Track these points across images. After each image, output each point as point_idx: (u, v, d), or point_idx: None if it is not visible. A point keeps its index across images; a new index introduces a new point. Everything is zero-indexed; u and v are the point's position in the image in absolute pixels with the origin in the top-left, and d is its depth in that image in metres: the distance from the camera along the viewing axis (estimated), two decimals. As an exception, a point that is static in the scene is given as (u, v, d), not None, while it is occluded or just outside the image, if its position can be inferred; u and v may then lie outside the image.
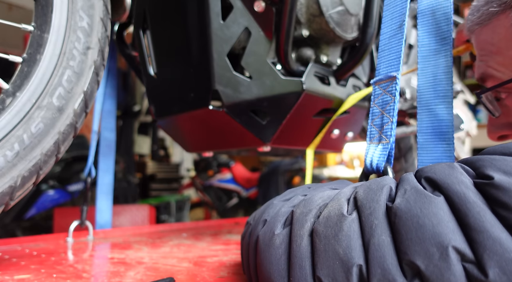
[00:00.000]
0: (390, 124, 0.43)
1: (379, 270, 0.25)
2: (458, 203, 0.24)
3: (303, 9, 0.70)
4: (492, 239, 0.22)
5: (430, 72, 0.51)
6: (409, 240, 0.24)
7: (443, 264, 0.23)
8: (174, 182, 4.04)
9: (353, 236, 0.27)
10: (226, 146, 0.80)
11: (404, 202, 0.26)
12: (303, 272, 0.29)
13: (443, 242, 0.23)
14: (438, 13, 0.51)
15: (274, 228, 0.34)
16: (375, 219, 0.27)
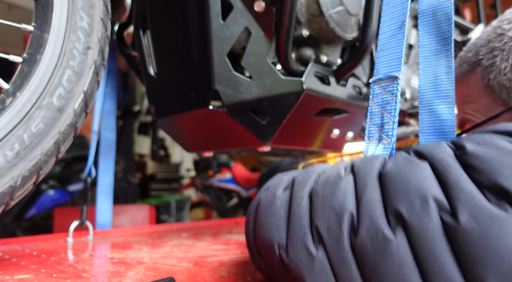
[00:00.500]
0: (392, 124, 0.44)
1: (368, 220, 0.28)
2: (440, 167, 0.28)
3: (303, 9, 0.70)
4: (465, 193, 0.26)
5: (431, 72, 0.51)
6: (395, 193, 0.28)
7: (423, 212, 0.26)
8: (174, 182, 4.04)
9: (348, 193, 0.31)
10: (226, 146, 0.80)
11: (395, 166, 0.30)
12: (302, 225, 0.32)
13: (425, 193, 0.27)
14: (439, 14, 0.51)
15: (276, 191, 0.37)
16: (368, 180, 0.31)
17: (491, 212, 0.25)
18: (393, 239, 0.27)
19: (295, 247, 0.32)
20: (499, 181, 0.25)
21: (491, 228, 0.24)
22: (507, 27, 0.50)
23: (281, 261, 0.34)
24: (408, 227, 0.27)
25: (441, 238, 0.26)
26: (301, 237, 0.32)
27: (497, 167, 0.26)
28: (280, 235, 0.34)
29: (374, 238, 0.28)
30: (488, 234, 0.24)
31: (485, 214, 0.25)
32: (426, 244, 0.26)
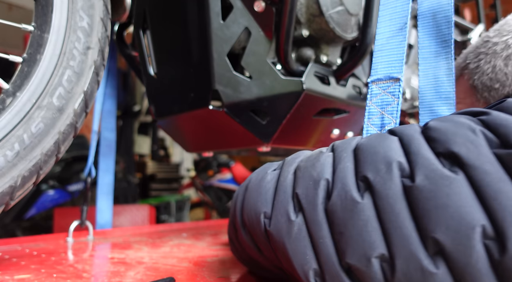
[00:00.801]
0: (393, 125, 0.44)
1: (340, 184, 0.31)
2: (406, 139, 0.31)
3: (303, 9, 0.71)
4: (423, 158, 0.28)
5: (432, 74, 0.51)
6: (364, 162, 0.31)
7: (387, 176, 0.29)
8: (174, 182, 4.04)
9: (326, 164, 0.34)
10: (226, 146, 0.80)
11: (366, 140, 0.33)
12: (286, 195, 0.35)
13: (389, 160, 0.30)
14: (439, 16, 0.52)
15: (267, 169, 0.41)
16: (345, 153, 0.34)
17: (443, 173, 0.27)
18: (360, 201, 0.30)
19: (277, 214, 0.35)
20: (452, 148, 0.28)
21: (441, 187, 0.26)
22: (492, 35, 0.55)
23: (264, 230, 0.36)
24: (374, 191, 0.29)
25: (401, 198, 0.28)
26: (284, 205, 0.35)
27: (451, 136, 0.29)
28: (267, 205, 0.37)
29: (344, 200, 0.30)
30: (439, 192, 0.26)
31: (438, 174, 0.27)
32: (388, 205, 0.28)
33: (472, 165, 0.26)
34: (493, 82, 0.53)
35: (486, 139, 0.27)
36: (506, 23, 0.54)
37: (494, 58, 0.53)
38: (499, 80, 0.52)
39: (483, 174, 0.26)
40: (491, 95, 0.54)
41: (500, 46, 0.53)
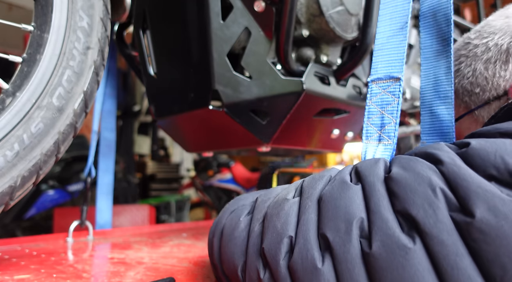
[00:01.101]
0: (393, 125, 0.44)
1: (302, 240, 0.30)
2: (368, 190, 0.30)
3: (303, 9, 0.70)
4: (381, 219, 0.27)
5: (432, 73, 0.51)
6: (325, 217, 0.30)
7: (346, 237, 0.28)
8: (174, 182, 4.04)
9: (290, 213, 0.33)
10: (226, 146, 0.80)
11: (330, 190, 0.32)
12: (255, 248, 0.34)
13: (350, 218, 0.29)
14: (438, 15, 0.52)
15: (241, 215, 0.40)
16: (310, 201, 0.33)
17: (399, 241, 0.26)
18: (320, 266, 0.28)
19: (250, 271, 0.34)
20: (410, 210, 0.26)
21: (397, 258, 0.25)
22: (473, 37, 0.53)
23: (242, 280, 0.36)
24: (333, 253, 0.28)
25: (360, 264, 0.27)
26: (253, 260, 0.34)
27: (410, 195, 0.27)
28: (242, 257, 0.36)
29: (305, 260, 0.29)
30: (394, 263, 0.25)
31: (394, 242, 0.26)
32: (347, 270, 0.27)
33: (429, 233, 0.25)
34: (473, 86, 0.51)
35: (445, 200, 0.26)
36: (487, 24, 0.52)
37: (474, 62, 0.51)
38: (479, 84, 0.50)
39: (440, 245, 0.24)
40: (471, 100, 0.52)
41: (480, 48, 0.51)
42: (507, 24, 0.49)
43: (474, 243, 0.24)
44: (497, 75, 0.48)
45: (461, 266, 0.23)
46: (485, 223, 0.24)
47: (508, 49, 0.47)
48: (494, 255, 0.23)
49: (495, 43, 0.49)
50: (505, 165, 0.26)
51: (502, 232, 0.23)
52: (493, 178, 0.26)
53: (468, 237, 0.24)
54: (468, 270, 0.23)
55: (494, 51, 0.49)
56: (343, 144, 0.88)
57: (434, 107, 0.51)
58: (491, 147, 0.27)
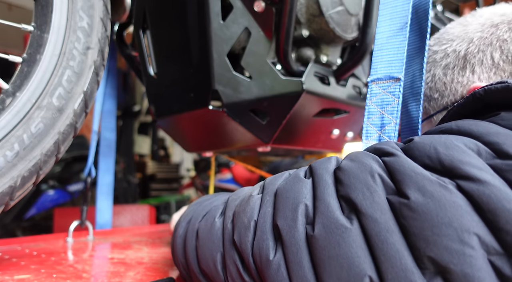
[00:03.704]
0: (393, 125, 0.44)
1: (259, 231, 0.33)
2: (315, 181, 0.32)
3: (303, 9, 0.70)
4: (324, 204, 0.30)
5: (411, 70, 0.52)
6: (277, 208, 0.33)
7: (293, 224, 0.30)
8: (174, 182, 4.04)
9: (254, 208, 0.36)
10: (226, 146, 0.80)
11: (284, 183, 0.35)
12: (229, 244, 0.37)
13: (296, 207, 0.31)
14: (420, 11, 0.53)
15: (215, 215, 0.42)
16: (268, 196, 0.36)
17: (338, 221, 0.28)
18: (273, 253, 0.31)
19: (229, 264, 0.36)
20: (350, 194, 0.29)
21: (335, 237, 0.27)
22: (432, 43, 0.54)
23: (224, 279, 0.38)
24: (282, 239, 0.31)
25: (304, 247, 0.29)
26: (231, 254, 0.36)
27: (353, 180, 0.29)
28: (219, 254, 0.38)
29: (261, 250, 0.32)
30: (332, 242, 0.27)
31: (333, 223, 0.28)
32: (292, 253, 0.29)
33: (364, 212, 0.27)
34: (432, 91, 0.52)
35: (383, 185, 0.28)
36: (446, 31, 0.53)
37: (434, 67, 0.52)
38: (438, 90, 0.51)
39: (373, 223, 0.26)
40: (430, 106, 0.53)
41: (439, 54, 0.51)
42: (465, 31, 0.49)
43: (404, 220, 0.26)
44: (455, 80, 0.49)
45: (391, 241, 0.25)
46: (415, 202, 0.26)
47: (466, 55, 0.48)
48: (420, 229, 0.25)
49: (453, 50, 0.49)
50: (437, 154, 0.28)
51: (428, 208, 0.25)
52: (426, 166, 0.28)
53: (400, 215, 0.26)
54: (397, 244, 0.25)
55: (452, 57, 0.49)
56: (343, 143, 0.88)
57: (408, 104, 0.52)
58: (428, 140, 0.30)
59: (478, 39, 0.47)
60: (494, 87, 0.35)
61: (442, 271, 0.24)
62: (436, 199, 0.25)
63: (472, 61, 0.47)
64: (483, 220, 0.24)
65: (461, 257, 0.23)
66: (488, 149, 0.28)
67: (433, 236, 0.24)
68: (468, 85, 0.47)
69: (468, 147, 0.28)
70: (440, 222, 0.24)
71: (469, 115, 0.38)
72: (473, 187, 0.25)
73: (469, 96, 0.38)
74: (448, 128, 0.33)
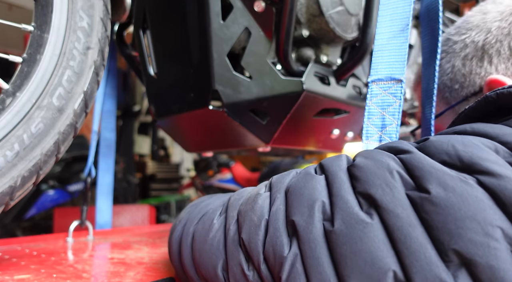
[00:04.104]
0: (395, 126, 0.44)
1: (272, 228, 0.33)
2: (330, 178, 0.32)
3: (303, 9, 0.70)
4: (342, 200, 0.29)
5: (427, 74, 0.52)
6: (291, 205, 0.33)
7: (309, 220, 0.30)
8: (174, 182, 4.04)
9: (264, 206, 0.35)
10: (226, 146, 0.80)
11: (295, 180, 0.35)
12: (234, 243, 0.35)
13: (312, 204, 0.31)
14: (431, 13, 0.52)
15: (213, 217, 0.41)
16: (278, 194, 0.35)
17: (358, 217, 0.28)
18: (288, 249, 0.31)
19: (233, 266, 0.35)
20: (369, 190, 0.29)
21: (356, 232, 0.27)
22: (453, 32, 0.54)
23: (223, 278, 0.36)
24: (298, 235, 0.30)
25: (322, 242, 0.29)
26: (236, 256, 0.35)
27: (370, 177, 0.29)
28: (221, 256, 0.37)
29: (275, 247, 0.31)
30: (353, 237, 0.27)
31: (353, 218, 0.28)
32: (309, 249, 0.29)
33: (385, 208, 0.27)
34: (453, 82, 0.52)
35: (402, 181, 0.28)
36: (465, 20, 0.52)
37: (453, 58, 0.52)
38: (458, 81, 0.51)
39: (395, 217, 0.26)
40: (452, 96, 0.53)
41: (459, 45, 0.51)
42: (484, 21, 0.49)
43: (426, 214, 0.26)
44: (473, 72, 0.49)
45: (414, 235, 0.26)
46: (436, 196, 0.26)
47: (484, 46, 0.48)
48: (443, 223, 0.25)
49: (472, 40, 0.49)
50: (456, 151, 0.29)
51: (450, 202, 0.26)
52: (444, 162, 0.29)
53: (421, 210, 0.26)
54: (420, 238, 0.25)
55: (471, 48, 0.50)
56: (343, 143, 0.88)
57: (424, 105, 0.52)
58: (445, 138, 0.30)
59: (496, 29, 0.47)
60: (507, 91, 0.35)
61: (467, 263, 0.24)
62: (458, 193, 0.26)
63: (490, 52, 0.47)
64: (505, 214, 0.25)
65: (486, 250, 0.24)
66: (505, 148, 0.28)
67: (457, 229, 0.25)
68: (486, 77, 0.48)
69: (485, 145, 0.29)
70: (464, 216, 0.25)
71: (481, 119, 0.38)
72: (494, 181, 0.26)
73: (481, 99, 0.38)
74: (462, 130, 0.34)
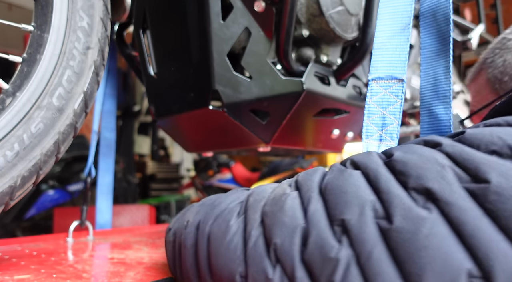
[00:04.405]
0: (396, 126, 0.44)
1: (315, 231, 0.30)
2: (372, 175, 0.31)
3: (303, 9, 0.70)
4: (396, 197, 0.28)
5: (432, 73, 0.51)
6: (336, 203, 0.31)
7: (361, 219, 0.29)
8: (174, 182, 4.04)
9: (295, 207, 0.33)
10: (226, 146, 0.80)
11: (331, 178, 0.33)
12: (258, 248, 0.33)
13: (361, 201, 0.29)
14: (438, 14, 0.52)
15: (229, 218, 0.37)
16: (311, 193, 0.33)
17: (418, 213, 0.27)
18: (337, 248, 0.29)
19: (254, 273, 0.32)
20: (425, 184, 0.28)
21: (419, 227, 0.26)
22: (508, 32, 0.60)
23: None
24: (351, 236, 0.29)
25: (379, 242, 0.27)
26: (258, 262, 0.32)
27: (421, 171, 0.29)
28: (240, 262, 0.34)
29: (321, 249, 0.29)
30: (416, 234, 0.26)
31: (413, 215, 0.27)
32: (365, 249, 0.27)
33: (446, 201, 0.26)
34: (503, 75, 0.57)
35: (454, 174, 0.28)
36: None
37: (506, 53, 0.58)
38: (508, 73, 0.57)
39: (459, 211, 0.26)
40: (501, 87, 0.58)
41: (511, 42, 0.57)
42: None
43: (490, 204, 0.26)
44: None
45: (482, 227, 0.25)
46: (499, 186, 0.26)
47: None
48: (510, 212, 0.25)
49: None
50: (503, 141, 0.28)
51: None
52: (494, 152, 0.28)
53: (484, 200, 0.26)
54: (488, 230, 0.25)
55: None
56: (343, 143, 0.88)
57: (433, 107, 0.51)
58: (486, 130, 0.30)
59: None
60: None
61: None
62: None
63: None
64: None
65: None
66: None
67: None
68: None
69: None
70: None
71: None
72: None
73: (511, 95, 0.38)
74: (495, 123, 0.33)
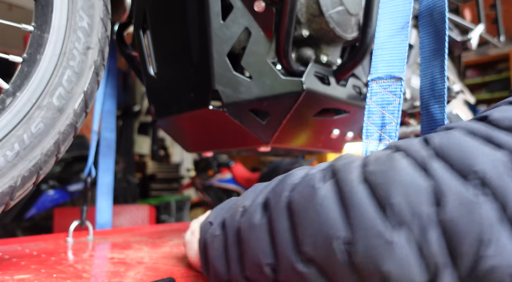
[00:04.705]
0: (394, 125, 0.44)
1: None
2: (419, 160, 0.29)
3: (303, 9, 0.70)
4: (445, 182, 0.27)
5: (430, 73, 0.52)
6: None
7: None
8: (174, 182, 4.04)
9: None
10: (226, 146, 0.80)
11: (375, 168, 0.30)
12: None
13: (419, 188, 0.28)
14: (435, 13, 0.52)
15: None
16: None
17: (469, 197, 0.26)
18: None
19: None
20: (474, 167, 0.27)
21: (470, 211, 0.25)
22: None
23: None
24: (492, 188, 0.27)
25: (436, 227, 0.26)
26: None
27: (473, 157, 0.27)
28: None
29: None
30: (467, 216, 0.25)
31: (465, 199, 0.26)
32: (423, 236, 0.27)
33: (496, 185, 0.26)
34: None
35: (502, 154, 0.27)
36: None
37: None
38: None
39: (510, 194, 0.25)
40: None
41: None
42: None
43: None
44: None
45: None
46: None
47: None
48: None
49: None
50: None
51: None
52: None
53: None
54: None
55: None
56: (343, 143, 0.88)
57: (429, 107, 0.51)
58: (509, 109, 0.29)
59: None
60: None
61: None
62: None
63: None
64: None
65: None
66: None
67: None
68: None
69: None
70: None
71: None
72: None
73: None
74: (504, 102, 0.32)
